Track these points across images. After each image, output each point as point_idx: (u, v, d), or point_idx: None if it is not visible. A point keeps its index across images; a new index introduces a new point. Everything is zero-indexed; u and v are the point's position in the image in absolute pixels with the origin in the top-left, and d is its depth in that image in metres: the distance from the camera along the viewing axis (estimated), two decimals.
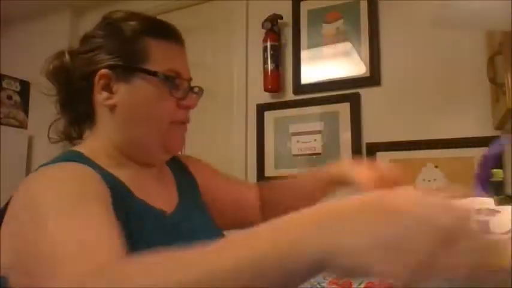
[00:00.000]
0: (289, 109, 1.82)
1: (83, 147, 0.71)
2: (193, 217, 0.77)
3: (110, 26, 0.75)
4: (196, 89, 0.78)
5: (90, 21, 0.81)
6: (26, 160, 2.34)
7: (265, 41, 1.82)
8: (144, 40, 0.71)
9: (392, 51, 1.67)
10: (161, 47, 0.72)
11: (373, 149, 1.62)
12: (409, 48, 1.63)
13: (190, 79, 0.76)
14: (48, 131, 0.77)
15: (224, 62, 2.00)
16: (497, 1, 0.84)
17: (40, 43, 2.21)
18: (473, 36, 1.51)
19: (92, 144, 0.72)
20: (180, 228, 0.71)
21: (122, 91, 0.69)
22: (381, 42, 1.69)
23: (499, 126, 1.42)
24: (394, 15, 1.69)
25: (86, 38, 0.75)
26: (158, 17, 0.83)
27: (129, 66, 0.70)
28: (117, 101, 0.69)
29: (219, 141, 1.99)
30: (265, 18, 1.83)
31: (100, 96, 0.70)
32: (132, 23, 0.73)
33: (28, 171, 2.27)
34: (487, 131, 1.47)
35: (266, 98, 1.88)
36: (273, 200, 0.91)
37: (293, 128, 1.81)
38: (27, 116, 2.40)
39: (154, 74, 0.69)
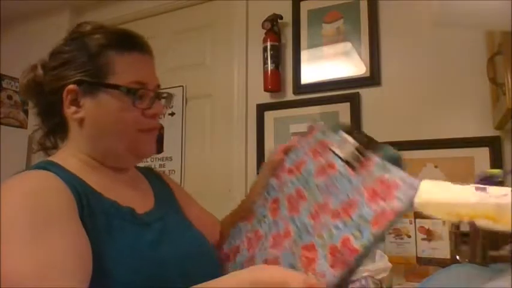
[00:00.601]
0: (289, 109, 1.82)
1: (56, 157, 0.76)
2: (168, 219, 0.79)
3: (76, 40, 0.77)
4: (164, 95, 0.82)
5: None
6: (26, 160, 2.34)
7: (265, 41, 1.82)
8: (108, 54, 0.74)
9: (392, 51, 1.67)
10: (124, 59, 0.75)
11: None
12: (409, 48, 1.63)
13: (157, 86, 0.80)
14: (32, 142, 0.84)
15: (224, 62, 2.00)
16: (497, 1, 0.84)
17: (40, 43, 2.21)
18: (473, 36, 1.51)
19: (64, 153, 0.77)
20: (151, 227, 0.73)
21: (88, 105, 0.74)
22: (381, 42, 1.69)
23: (499, 126, 1.42)
24: (394, 15, 1.68)
25: (54, 53, 0.78)
26: (158, 17, 0.85)
27: (94, 81, 0.74)
28: (85, 115, 0.74)
29: (219, 141, 1.98)
30: (265, 18, 1.83)
31: (68, 111, 0.75)
32: (96, 37, 0.76)
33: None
34: (487, 131, 1.47)
35: (266, 98, 1.88)
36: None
37: (293, 128, 1.81)
38: (27, 116, 2.40)
39: (117, 88, 0.73)
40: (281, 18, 1.85)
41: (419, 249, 1.43)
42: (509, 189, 0.57)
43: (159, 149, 2.13)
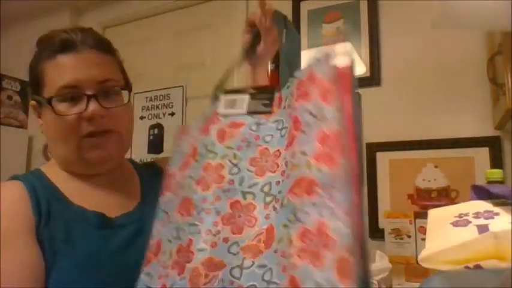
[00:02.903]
0: None
1: (46, 165, 0.78)
2: (150, 218, 0.72)
3: (32, 58, 0.76)
4: (117, 89, 0.74)
5: (90, 21, 0.82)
6: (26, 160, 2.34)
7: None
8: (40, 66, 0.72)
9: (392, 51, 1.67)
10: (52, 66, 0.71)
11: (373, 149, 1.61)
12: (409, 48, 1.63)
13: (101, 82, 0.71)
14: (32, 142, 0.85)
15: (224, 62, 1.99)
16: (497, 1, 0.84)
17: None
18: (473, 36, 1.51)
19: (51, 161, 0.78)
20: (123, 231, 0.71)
21: (43, 119, 0.75)
22: (381, 42, 1.69)
23: (499, 126, 1.42)
24: (394, 15, 1.68)
25: None
26: (158, 17, 0.83)
27: (33, 96, 0.74)
28: (43, 127, 0.75)
29: None
30: None
31: (38, 125, 0.76)
32: (36, 49, 0.75)
33: (28, 171, 2.27)
34: (487, 131, 1.47)
35: None
36: None
37: None
38: (27, 116, 2.40)
39: (41, 101, 0.72)
40: None
41: (419, 249, 1.43)
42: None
43: (159, 149, 2.13)
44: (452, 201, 1.43)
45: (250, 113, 0.60)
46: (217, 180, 0.55)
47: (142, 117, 2.19)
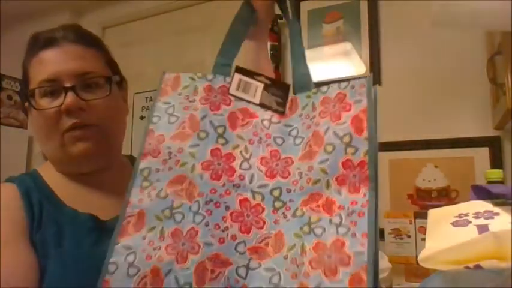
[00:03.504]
0: None
1: (42, 165, 0.77)
2: None
3: None
4: (94, 80, 0.71)
5: (89, 22, 0.82)
6: (26, 160, 2.34)
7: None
8: (26, 63, 0.72)
9: (392, 51, 1.67)
10: (35, 63, 0.71)
11: None
12: (409, 48, 1.63)
13: (80, 75, 0.69)
14: (32, 142, 0.84)
15: None
16: (497, 1, 0.84)
17: None
18: (473, 36, 1.51)
19: (47, 162, 0.77)
20: (110, 235, 0.69)
21: (29, 117, 0.74)
22: (381, 42, 1.69)
23: (499, 126, 1.42)
24: (394, 15, 1.68)
25: None
26: (158, 17, 0.82)
27: (23, 95, 0.74)
28: (31, 127, 0.75)
29: None
30: None
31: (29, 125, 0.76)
32: (25, 51, 0.74)
33: (27, 171, 2.27)
34: (487, 131, 1.47)
35: None
36: None
37: None
38: (27, 116, 2.40)
39: (26, 96, 0.71)
40: (281, 18, 1.84)
41: (419, 249, 1.43)
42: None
43: None
44: (452, 201, 1.43)
45: (262, 105, 0.58)
46: (228, 172, 0.53)
47: (142, 117, 2.18)
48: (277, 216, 0.50)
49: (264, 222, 0.50)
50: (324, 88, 0.56)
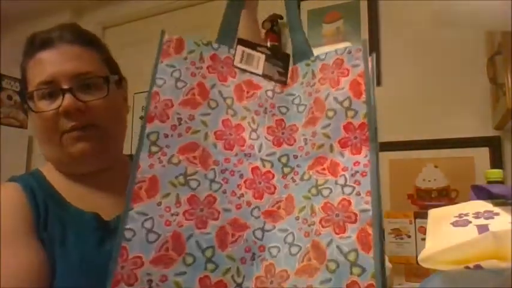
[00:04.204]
0: None
1: (45, 165, 0.76)
2: None
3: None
4: (91, 80, 0.70)
5: (89, 22, 0.82)
6: (26, 160, 2.34)
7: (265, 41, 1.82)
8: (23, 65, 0.72)
9: (392, 51, 1.67)
10: (32, 64, 0.70)
11: None
12: (409, 48, 1.63)
13: (77, 75, 0.69)
14: (32, 142, 0.84)
15: None
16: (497, 1, 0.85)
17: None
18: (473, 36, 1.51)
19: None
20: (114, 235, 0.66)
21: (29, 119, 0.74)
22: (381, 42, 1.69)
23: (499, 126, 1.42)
24: (394, 15, 1.68)
25: None
26: (158, 17, 0.81)
27: (22, 97, 0.73)
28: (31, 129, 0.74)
29: None
30: (265, 18, 1.83)
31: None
32: (24, 49, 0.74)
33: (28, 171, 2.27)
34: (487, 131, 1.47)
35: None
36: None
37: None
38: (27, 116, 2.40)
39: (23, 97, 0.71)
40: (281, 18, 1.85)
41: (419, 249, 1.43)
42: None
43: None
44: (452, 201, 1.43)
45: (265, 76, 0.60)
46: (239, 142, 0.55)
47: (142, 117, 2.18)
48: (287, 181, 0.53)
49: (275, 188, 0.53)
50: (322, 55, 0.58)
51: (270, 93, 0.59)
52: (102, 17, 2.40)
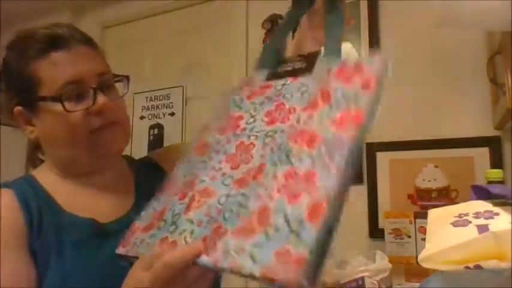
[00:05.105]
0: None
1: (37, 170, 0.77)
2: None
3: (5, 62, 0.74)
4: (118, 78, 0.74)
5: (89, 22, 0.82)
6: (25, 160, 2.33)
7: (265, 41, 1.82)
8: (31, 66, 0.69)
9: (392, 51, 1.67)
10: (47, 64, 0.68)
11: (373, 149, 1.61)
12: (409, 48, 1.63)
13: (100, 75, 0.70)
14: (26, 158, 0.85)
15: (224, 62, 2.00)
16: (497, 1, 0.84)
17: None
18: (473, 36, 1.51)
19: (43, 166, 0.77)
20: (111, 240, 0.62)
21: (38, 122, 0.72)
22: (381, 42, 1.68)
23: (499, 126, 1.42)
24: (394, 15, 1.68)
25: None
26: (158, 17, 0.82)
27: (27, 99, 0.71)
28: (38, 133, 0.73)
29: None
30: (265, 18, 1.83)
31: (25, 132, 0.74)
32: (18, 49, 0.73)
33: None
34: (487, 131, 1.47)
35: None
36: None
37: None
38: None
39: (44, 99, 0.68)
40: (281, 18, 1.85)
41: (419, 249, 1.43)
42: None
43: (158, 148, 2.12)
44: (452, 201, 1.43)
45: (285, 72, 0.62)
46: (233, 127, 0.59)
47: (142, 117, 2.18)
48: (265, 151, 0.53)
49: (252, 157, 0.53)
50: (347, 61, 0.58)
51: (279, 87, 0.61)
52: (102, 17, 2.40)
